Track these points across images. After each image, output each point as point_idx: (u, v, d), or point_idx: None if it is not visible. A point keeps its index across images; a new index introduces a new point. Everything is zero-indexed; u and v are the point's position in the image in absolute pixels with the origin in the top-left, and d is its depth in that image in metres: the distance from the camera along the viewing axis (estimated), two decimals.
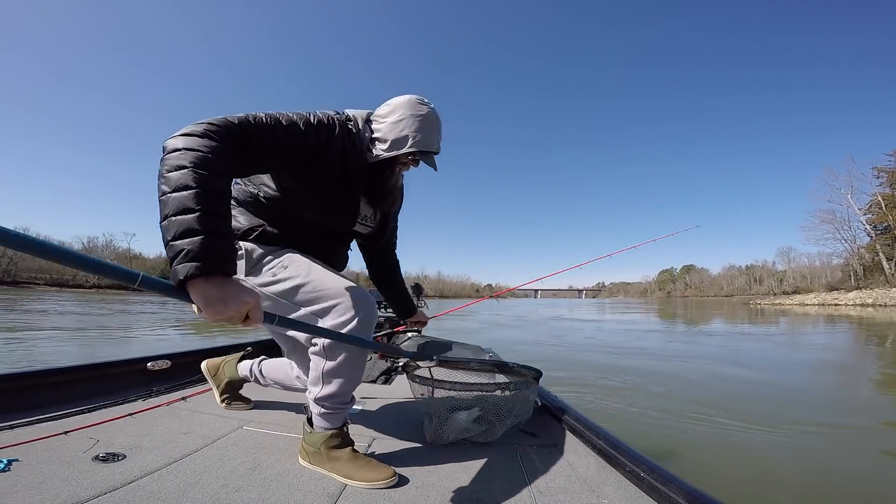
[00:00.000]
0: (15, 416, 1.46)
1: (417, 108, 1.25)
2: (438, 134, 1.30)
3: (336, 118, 1.21)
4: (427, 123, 1.26)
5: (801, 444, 2.71)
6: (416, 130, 1.24)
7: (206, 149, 0.85)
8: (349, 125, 1.23)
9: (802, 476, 2.29)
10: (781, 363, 6.14)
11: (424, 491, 1.12)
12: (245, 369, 1.69)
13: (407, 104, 1.26)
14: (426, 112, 1.26)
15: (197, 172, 0.80)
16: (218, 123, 0.91)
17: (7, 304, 17.64)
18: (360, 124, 1.26)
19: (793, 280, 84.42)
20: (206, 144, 0.85)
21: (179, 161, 0.81)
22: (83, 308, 17.27)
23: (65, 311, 14.56)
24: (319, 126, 1.14)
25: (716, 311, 25.40)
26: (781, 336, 10.61)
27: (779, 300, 49.88)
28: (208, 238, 0.77)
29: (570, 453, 1.39)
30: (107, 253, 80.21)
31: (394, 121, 1.24)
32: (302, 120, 1.12)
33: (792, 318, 18.32)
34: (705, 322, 15.95)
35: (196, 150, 0.83)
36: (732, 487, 2.08)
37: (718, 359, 6.38)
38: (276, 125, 1.05)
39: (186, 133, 0.87)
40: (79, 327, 9.52)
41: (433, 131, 1.28)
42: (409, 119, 1.24)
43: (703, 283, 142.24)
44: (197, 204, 0.78)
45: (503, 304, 53.55)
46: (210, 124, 0.90)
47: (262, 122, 1.02)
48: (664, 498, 0.99)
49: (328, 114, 1.20)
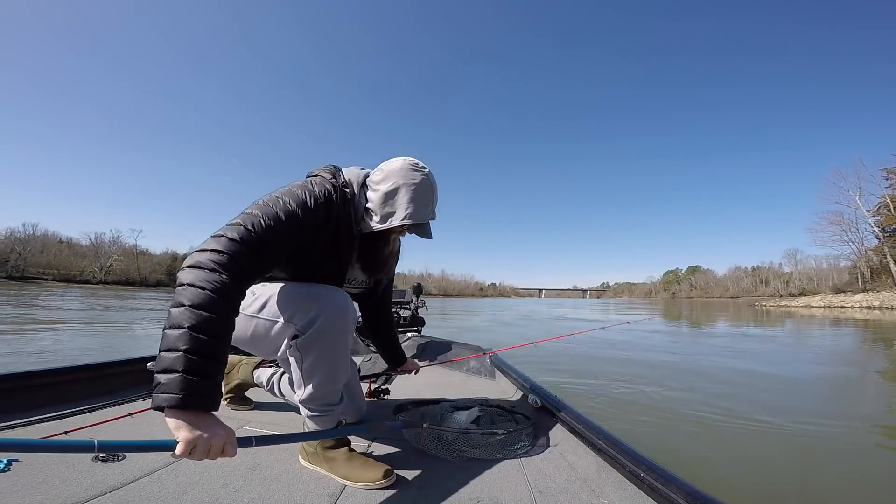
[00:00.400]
0: (15, 416, 1.46)
1: (410, 177, 1.21)
2: (432, 203, 1.26)
3: (332, 187, 1.18)
4: (420, 194, 1.21)
5: (801, 445, 2.70)
6: (408, 202, 1.20)
7: (211, 286, 0.86)
8: (346, 192, 1.21)
9: (802, 476, 2.29)
10: (784, 364, 6.10)
11: (424, 491, 1.12)
12: (263, 377, 1.63)
13: (399, 172, 1.21)
14: (419, 181, 1.21)
15: (193, 312, 0.83)
16: (227, 251, 0.92)
17: (25, 300, 17.89)
18: (356, 189, 1.24)
19: (799, 282, 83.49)
20: (212, 281, 0.87)
21: (181, 298, 0.85)
22: (93, 303, 17.49)
23: (86, 307, 14.82)
24: (317, 207, 1.12)
25: (719, 313, 25.34)
26: (786, 338, 10.55)
27: (784, 302, 49.52)
28: (186, 377, 0.80)
29: (570, 453, 1.39)
30: (114, 248, 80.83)
31: (385, 191, 1.20)
32: (300, 207, 1.09)
33: (796, 320, 18.24)
34: (707, 323, 15.93)
35: (199, 287, 0.86)
36: (732, 487, 2.08)
37: (720, 359, 6.33)
38: (278, 226, 1.03)
39: (194, 265, 0.89)
40: (91, 322, 9.73)
41: (426, 202, 1.23)
42: (402, 189, 1.20)
43: (708, 284, 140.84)
44: (184, 344, 0.81)
45: (507, 304, 53.68)
46: (219, 254, 0.91)
47: (264, 228, 1.00)
48: (664, 498, 0.99)
49: (325, 185, 1.17)
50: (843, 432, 2.97)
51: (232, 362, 1.75)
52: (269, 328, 1.19)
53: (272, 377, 1.59)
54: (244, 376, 1.71)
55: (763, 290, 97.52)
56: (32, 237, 72.91)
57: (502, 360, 2.55)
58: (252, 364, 1.72)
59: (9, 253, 66.99)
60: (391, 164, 1.24)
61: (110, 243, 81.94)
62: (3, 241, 68.91)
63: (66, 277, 69.66)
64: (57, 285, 56.91)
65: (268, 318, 1.18)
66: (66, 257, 73.88)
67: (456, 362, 2.80)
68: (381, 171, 1.24)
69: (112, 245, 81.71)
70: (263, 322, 1.20)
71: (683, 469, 1.21)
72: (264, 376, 1.63)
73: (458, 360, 2.81)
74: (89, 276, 72.99)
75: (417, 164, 1.24)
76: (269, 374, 1.61)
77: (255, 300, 1.23)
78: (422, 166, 1.24)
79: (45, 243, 73.96)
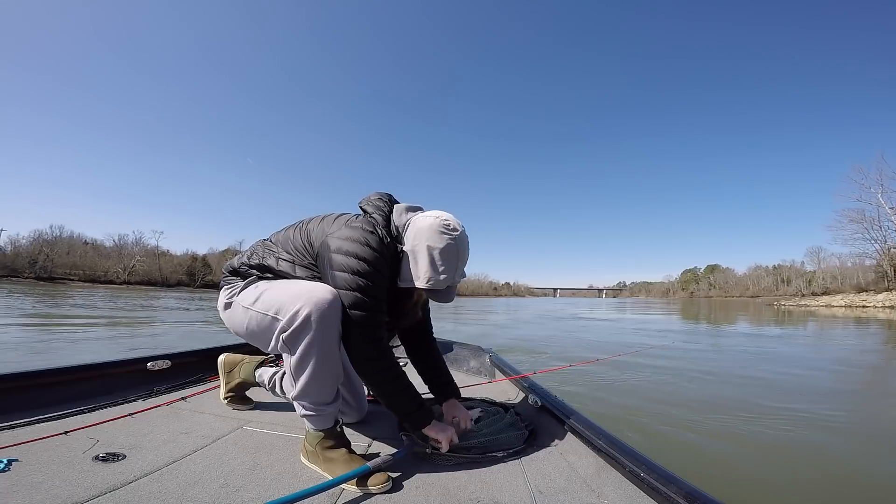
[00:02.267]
0: (15, 416, 1.46)
1: (436, 241, 1.21)
2: (456, 269, 1.25)
3: (393, 250, 1.27)
4: (444, 260, 1.21)
5: (801, 445, 2.68)
6: (428, 267, 1.21)
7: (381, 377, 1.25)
8: (398, 252, 1.28)
9: (802, 476, 2.26)
10: (791, 363, 6.03)
11: (424, 491, 1.12)
12: (264, 376, 1.65)
13: (426, 233, 1.22)
14: (443, 246, 1.21)
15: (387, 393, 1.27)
16: (373, 340, 1.20)
17: (57, 299, 18.52)
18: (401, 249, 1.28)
19: (822, 281, 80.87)
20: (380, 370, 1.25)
21: (377, 388, 1.26)
22: (119, 303, 18.05)
23: (117, 307, 15.34)
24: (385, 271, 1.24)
25: (736, 312, 24.83)
26: (803, 337, 10.39)
27: (804, 301, 48.40)
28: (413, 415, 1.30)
29: (570, 453, 1.38)
30: (136, 249, 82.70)
31: (410, 250, 1.24)
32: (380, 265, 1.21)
33: (809, 319, 17.94)
34: (720, 322, 15.68)
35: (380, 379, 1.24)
36: (732, 487, 2.06)
37: (726, 358, 6.28)
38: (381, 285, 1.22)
39: (367, 358, 1.22)
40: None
41: (449, 269, 1.23)
42: (424, 253, 1.21)
43: (727, 283, 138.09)
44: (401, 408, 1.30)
45: (523, 303, 53.52)
46: (373, 345, 1.21)
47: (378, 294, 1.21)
48: (664, 498, 0.98)
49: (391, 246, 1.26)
50: (843, 433, 2.94)
51: (234, 361, 1.77)
52: (261, 321, 1.24)
53: (274, 376, 1.60)
54: (246, 375, 1.72)
55: (785, 290, 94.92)
56: (59, 239, 75.45)
57: (502, 360, 2.54)
58: (254, 363, 1.73)
59: (37, 254, 69.32)
60: (423, 220, 1.25)
61: (133, 244, 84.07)
62: (32, 243, 71.48)
63: (91, 278, 71.53)
64: (83, 286, 58.07)
65: (260, 311, 1.23)
66: (90, 258, 76.18)
67: (456, 362, 2.80)
68: (413, 227, 1.26)
69: (135, 246, 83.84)
70: (256, 315, 1.24)
71: (683, 469, 1.21)
72: (266, 375, 1.64)
73: (458, 360, 2.80)
74: (113, 276, 74.88)
75: (448, 226, 1.23)
76: (271, 374, 1.62)
77: (253, 293, 1.28)
78: (452, 228, 1.23)
79: (70, 245, 76.44)
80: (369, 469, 1.14)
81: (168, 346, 5.82)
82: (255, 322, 1.26)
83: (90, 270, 73.28)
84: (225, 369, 1.77)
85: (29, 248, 70.72)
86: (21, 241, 71.96)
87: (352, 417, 1.62)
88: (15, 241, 71.63)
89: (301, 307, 1.14)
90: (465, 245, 1.26)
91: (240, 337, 1.37)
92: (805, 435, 2.84)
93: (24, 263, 67.22)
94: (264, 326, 1.23)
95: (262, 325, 1.24)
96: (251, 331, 1.29)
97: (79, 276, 71.54)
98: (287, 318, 1.15)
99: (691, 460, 2.40)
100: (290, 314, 1.15)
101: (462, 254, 1.25)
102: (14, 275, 63.93)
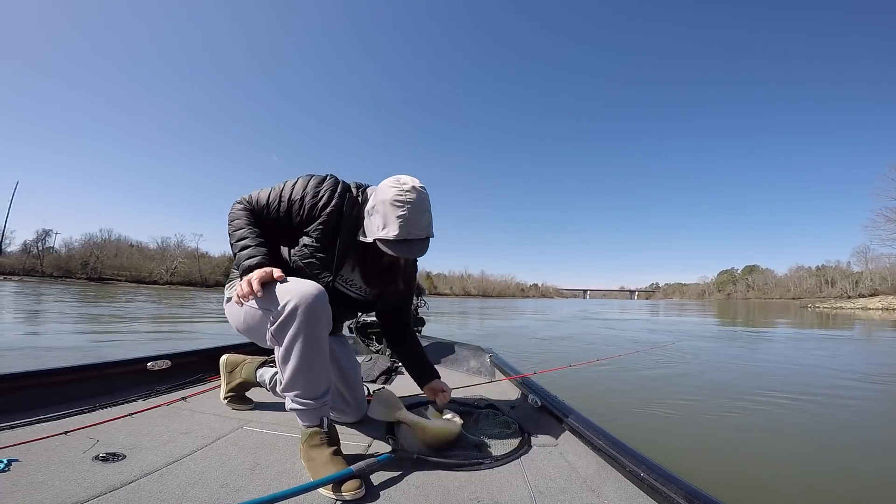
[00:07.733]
0: (15, 416, 1.46)
1: (387, 195, 1.26)
2: (411, 219, 1.25)
3: (347, 187, 1.40)
4: (394, 211, 1.25)
5: (801, 444, 2.68)
6: (381, 220, 1.26)
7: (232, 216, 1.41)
8: (357, 199, 1.39)
9: (802, 476, 2.26)
10: (794, 362, 6.04)
11: (424, 491, 1.12)
12: (265, 376, 1.66)
13: (380, 190, 1.30)
14: (392, 198, 1.25)
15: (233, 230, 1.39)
16: (236, 202, 1.43)
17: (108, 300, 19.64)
18: (363, 199, 1.39)
19: (870, 282, 75.78)
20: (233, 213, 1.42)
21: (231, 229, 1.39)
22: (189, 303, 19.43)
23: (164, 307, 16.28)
24: (322, 190, 1.36)
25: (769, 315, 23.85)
26: (817, 340, 10.00)
27: (839, 303, 46.90)
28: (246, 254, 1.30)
29: (570, 453, 1.38)
30: (178, 251, 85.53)
31: (368, 207, 1.33)
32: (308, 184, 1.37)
33: (835, 323, 17.40)
34: (745, 323, 15.38)
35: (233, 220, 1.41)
36: (732, 487, 2.06)
37: (733, 359, 6.29)
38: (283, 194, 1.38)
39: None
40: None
41: (401, 220, 1.24)
42: (378, 207, 1.27)
43: (766, 284, 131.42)
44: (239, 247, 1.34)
45: (551, 304, 52.85)
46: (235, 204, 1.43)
47: (269, 195, 1.39)
48: (664, 498, 0.99)
49: (341, 183, 1.40)
50: (843, 432, 2.94)
51: (235, 361, 1.78)
52: (255, 315, 1.28)
53: (274, 376, 1.60)
54: (247, 375, 1.74)
55: (829, 291, 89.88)
56: (108, 241, 79.15)
57: (502, 359, 2.53)
58: (255, 364, 1.74)
59: (88, 256, 72.53)
60: (382, 183, 1.33)
61: (175, 246, 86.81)
62: (84, 246, 75.86)
63: (137, 279, 74.27)
64: (129, 286, 59.88)
65: (254, 306, 1.26)
66: (136, 260, 79.73)
67: (456, 362, 2.80)
68: (374, 190, 1.35)
69: (176, 248, 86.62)
70: (251, 309, 1.28)
71: (683, 469, 1.20)
72: (267, 376, 1.66)
73: (458, 360, 2.80)
74: (157, 277, 77.49)
75: (400, 181, 1.29)
76: (272, 374, 1.64)
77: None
78: (403, 183, 1.27)
79: (118, 247, 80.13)
80: (352, 472, 1.09)
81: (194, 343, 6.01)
82: (251, 316, 1.30)
83: (136, 272, 75.91)
84: (227, 369, 1.79)
85: (81, 251, 74.86)
86: (74, 243, 76.81)
87: (351, 417, 1.61)
88: (69, 243, 76.65)
89: (289, 300, 1.18)
90: (419, 200, 1.27)
91: (239, 331, 1.41)
92: (805, 435, 2.85)
93: (76, 265, 70.94)
94: (258, 320, 1.27)
95: (257, 319, 1.28)
96: (248, 325, 1.34)
97: (125, 276, 74.13)
98: (276, 311, 1.19)
99: (691, 460, 2.41)
100: (279, 307, 1.18)
101: (414, 207, 1.25)
102: (68, 275, 67.24)
